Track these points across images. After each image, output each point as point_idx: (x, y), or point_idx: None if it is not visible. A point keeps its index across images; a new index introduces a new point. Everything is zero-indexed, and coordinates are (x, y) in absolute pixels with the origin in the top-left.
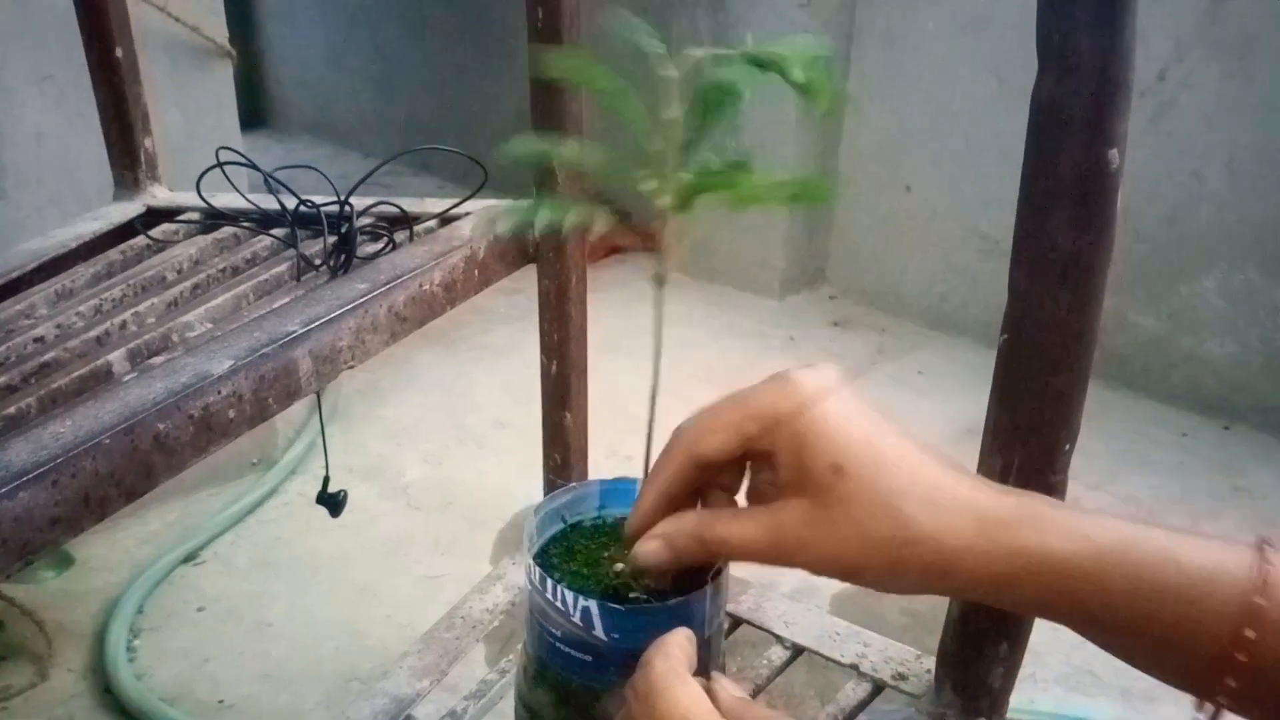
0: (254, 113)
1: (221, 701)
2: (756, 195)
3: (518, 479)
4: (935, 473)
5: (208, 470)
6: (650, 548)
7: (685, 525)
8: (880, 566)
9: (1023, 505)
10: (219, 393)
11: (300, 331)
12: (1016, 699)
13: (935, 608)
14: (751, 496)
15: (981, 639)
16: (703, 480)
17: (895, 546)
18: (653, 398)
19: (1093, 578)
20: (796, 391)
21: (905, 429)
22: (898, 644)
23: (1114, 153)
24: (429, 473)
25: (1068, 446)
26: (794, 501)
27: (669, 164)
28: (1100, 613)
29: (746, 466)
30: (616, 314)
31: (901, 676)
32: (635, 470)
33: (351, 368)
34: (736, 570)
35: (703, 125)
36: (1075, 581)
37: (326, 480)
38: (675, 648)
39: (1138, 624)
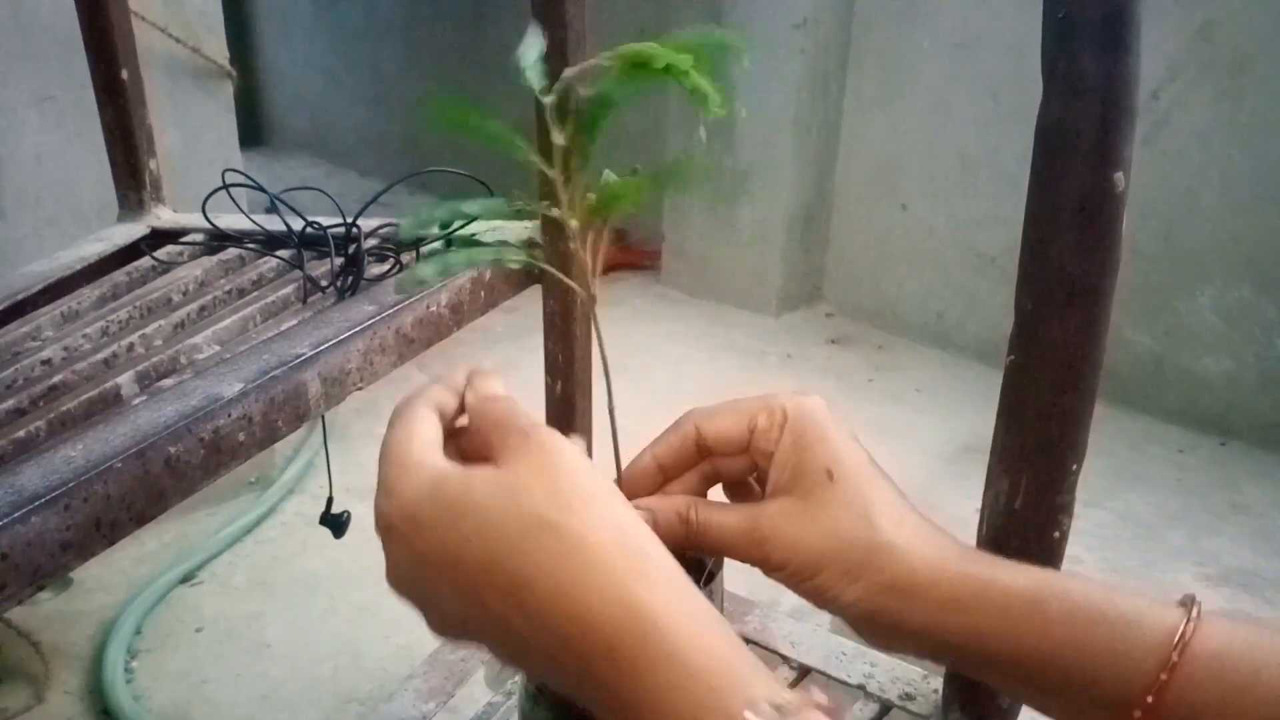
0: (251, 131)
1: None
2: (643, 189)
3: None
4: (908, 506)
5: (205, 489)
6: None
7: (674, 502)
8: (840, 566)
9: (975, 549)
10: (229, 415)
11: (309, 354)
12: (1022, 718)
13: None
14: (736, 498)
15: None
16: (702, 462)
17: (860, 549)
18: (611, 415)
19: (1034, 604)
20: (810, 401)
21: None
22: (904, 663)
23: (1119, 175)
24: None
25: (1075, 466)
26: (780, 499)
27: (572, 184)
28: (1035, 643)
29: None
30: (614, 332)
31: (909, 696)
32: None
33: (360, 389)
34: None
35: (586, 141)
36: (1018, 606)
37: (330, 501)
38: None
39: (1069, 656)
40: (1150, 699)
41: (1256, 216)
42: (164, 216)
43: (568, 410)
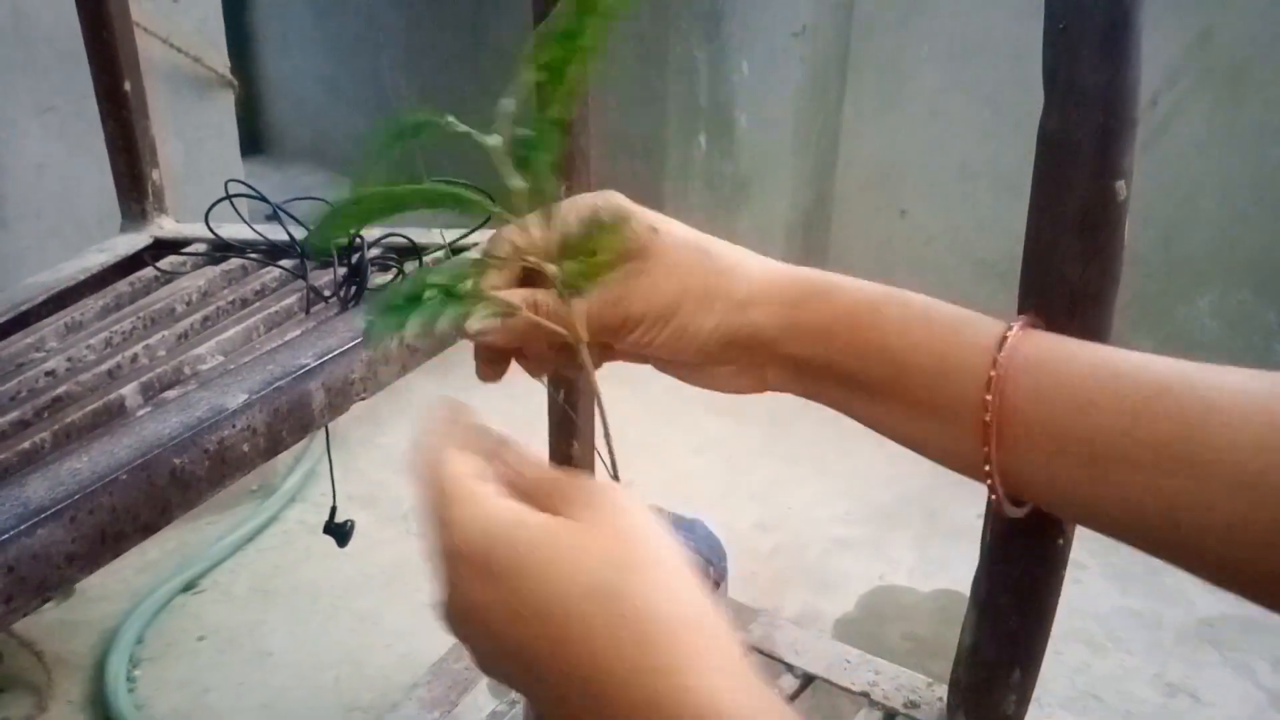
0: (251, 140)
1: None
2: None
3: None
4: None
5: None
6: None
7: (520, 292)
8: (693, 298)
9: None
10: (234, 426)
11: (314, 364)
12: None
13: (938, 634)
14: None
15: (995, 667)
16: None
17: (703, 275)
18: (604, 429)
19: (874, 303)
20: (610, 192)
21: None
22: (909, 671)
23: (1121, 184)
24: None
25: None
26: (623, 265)
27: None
28: (873, 338)
29: None
30: None
31: (913, 704)
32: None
33: (364, 399)
34: (744, 597)
35: (540, 190)
36: (857, 304)
37: (334, 510)
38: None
39: (902, 350)
40: (989, 396)
41: (1255, 222)
42: (167, 226)
43: (570, 420)
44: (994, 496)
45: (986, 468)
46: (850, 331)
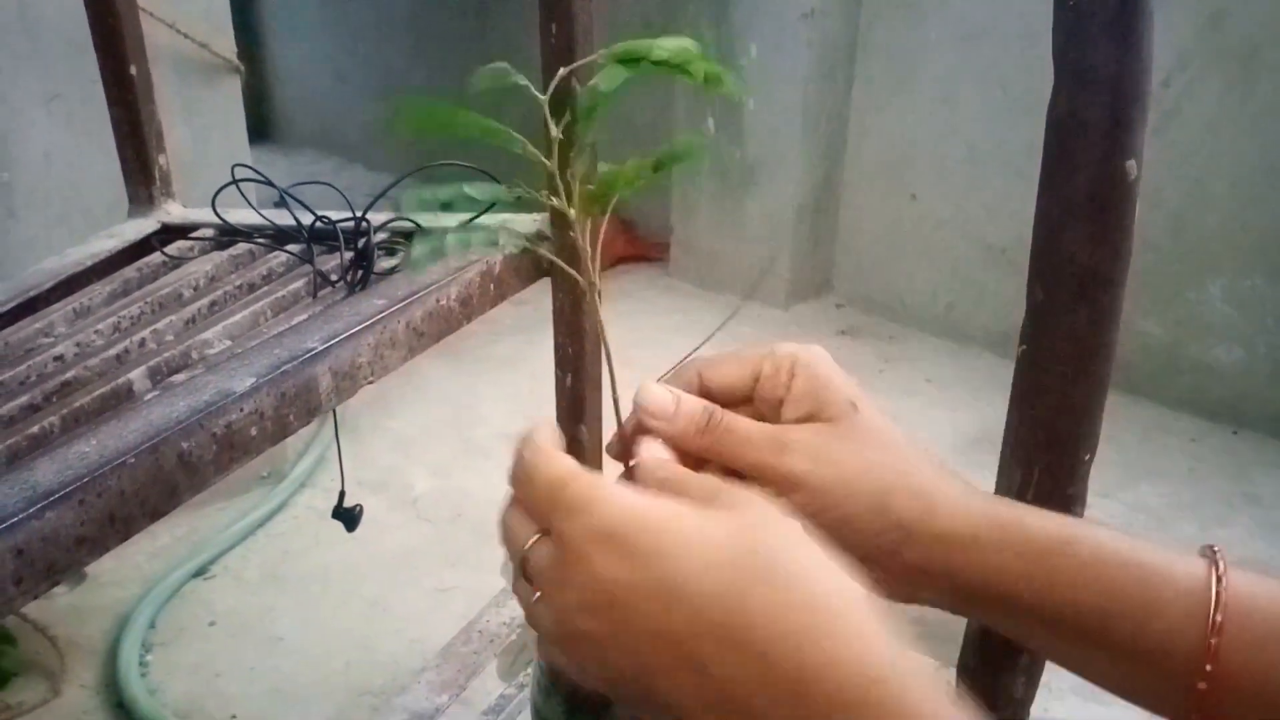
0: (259, 126)
1: (234, 717)
2: (640, 175)
3: None
4: (922, 450)
5: (217, 484)
6: (657, 394)
7: (698, 402)
8: (870, 491)
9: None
10: (241, 410)
11: (320, 348)
12: (1032, 708)
13: (947, 619)
14: None
15: (1003, 651)
16: None
17: (889, 475)
18: (615, 405)
19: (1061, 544)
20: (816, 349)
21: None
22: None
23: (1131, 164)
24: (438, 485)
25: (1087, 457)
26: (805, 424)
27: (569, 176)
28: (1061, 583)
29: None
30: (622, 325)
31: None
32: None
33: (371, 383)
34: None
35: (584, 131)
36: (1044, 545)
37: (342, 495)
38: (536, 435)
39: (1096, 600)
40: (1209, 667)
41: (1267, 206)
42: (174, 212)
43: (578, 405)
44: None
45: None
46: (1038, 567)
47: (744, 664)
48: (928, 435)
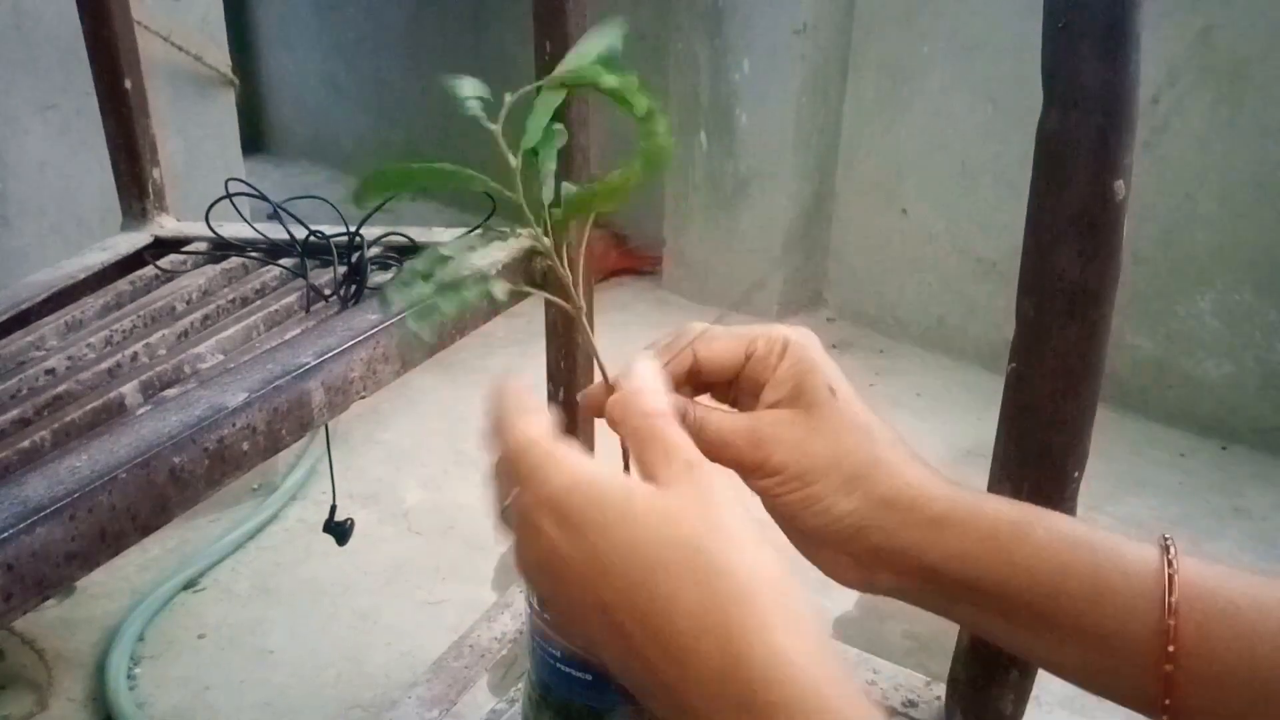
0: (253, 138)
1: None
2: (613, 192)
3: None
4: (898, 435)
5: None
6: (645, 373)
7: (671, 399)
8: (839, 475)
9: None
10: (233, 425)
11: (313, 363)
12: None
13: (939, 632)
14: None
15: (993, 666)
16: (691, 385)
17: (860, 460)
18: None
19: (1021, 527)
20: (807, 331)
21: None
22: (907, 670)
23: (1120, 184)
24: (429, 497)
25: (1076, 474)
26: (780, 410)
27: (535, 202)
28: (1021, 564)
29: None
30: (615, 338)
31: (911, 704)
32: None
33: (363, 398)
34: None
35: (542, 159)
36: (1005, 528)
37: (333, 509)
38: (509, 391)
39: (1054, 580)
40: (1171, 648)
41: (1256, 220)
42: (167, 225)
43: (570, 418)
44: None
45: (1164, 718)
46: (997, 552)
47: (665, 648)
48: (919, 448)
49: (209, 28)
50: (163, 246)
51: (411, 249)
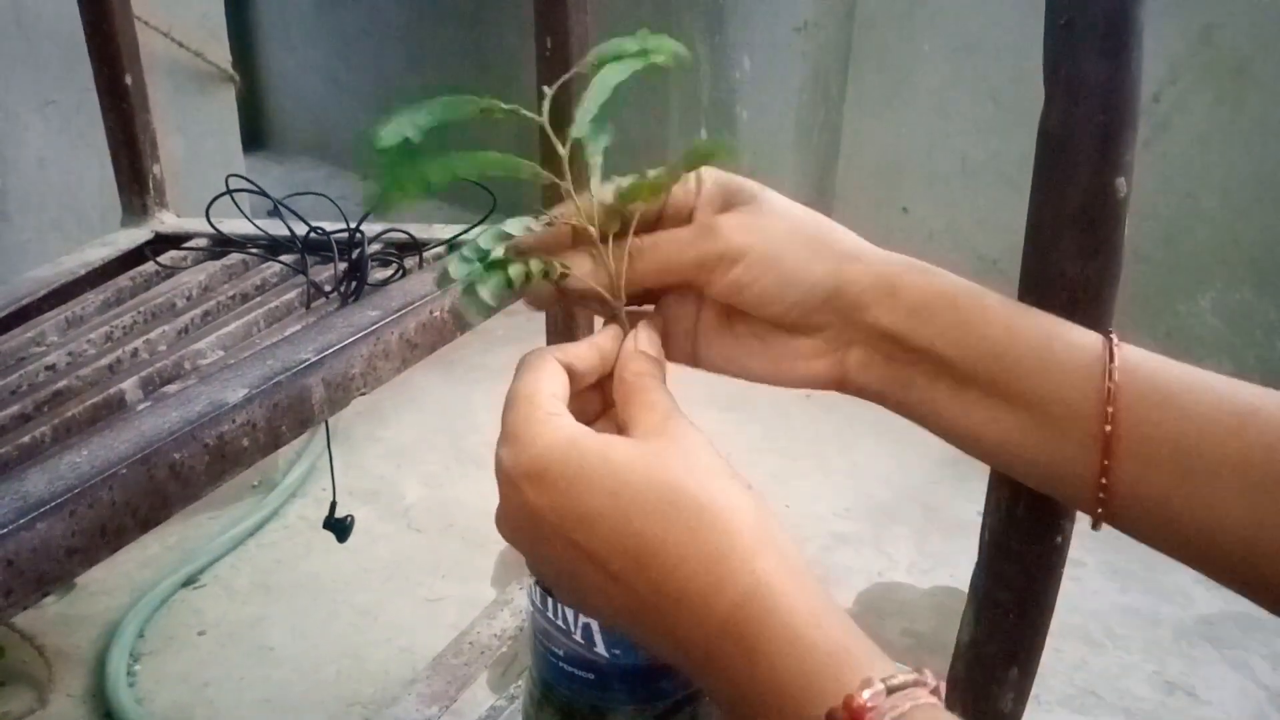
0: (253, 134)
1: None
2: (660, 185)
3: None
4: None
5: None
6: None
7: (623, 242)
8: (802, 241)
9: None
10: (234, 421)
11: (314, 359)
12: None
13: (938, 629)
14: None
15: (993, 664)
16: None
17: (816, 225)
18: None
19: (975, 293)
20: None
21: None
22: (906, 669)
23: (1121, 181)
24: (429, 494)
25: None
26: (723, 213)
27: (585, 193)
28: (977, 329)
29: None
30: None
31: None
32: None
33: (364, 394)
34: None
35: (589, 151)
36: (957, 292)
37: (334, 506)
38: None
39: (1005, 346)
40: (1111, 408)
41: (1257, 218)
42: (167, 221)
43: None
44: (1099, 511)
45: (1103, 480)
46: (951, 310)
47: (655, 584)
48: (918, 447)
49: (209, 24)
50: (163, 242)
51: (412, 245)
